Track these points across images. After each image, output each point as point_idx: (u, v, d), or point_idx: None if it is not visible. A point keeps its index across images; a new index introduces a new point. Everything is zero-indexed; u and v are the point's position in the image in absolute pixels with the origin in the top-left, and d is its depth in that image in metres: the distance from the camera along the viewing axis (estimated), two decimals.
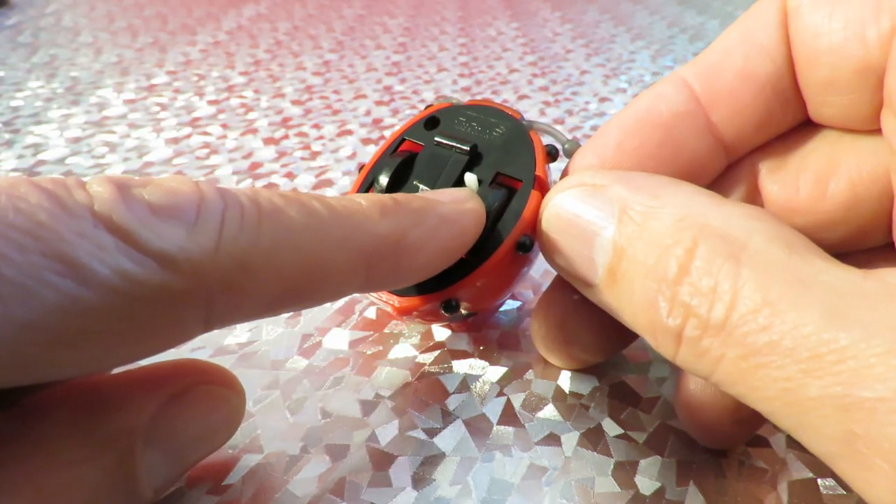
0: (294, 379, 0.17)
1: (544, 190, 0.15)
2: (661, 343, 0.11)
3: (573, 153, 0.16)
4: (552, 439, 0.15)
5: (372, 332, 0.19)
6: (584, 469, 0.15)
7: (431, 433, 0.16)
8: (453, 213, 0.14)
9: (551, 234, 0.14)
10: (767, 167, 0.15)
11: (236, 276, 0.10)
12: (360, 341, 0.19)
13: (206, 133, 0.34)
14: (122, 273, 0.08)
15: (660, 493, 0.14)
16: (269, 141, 0.33)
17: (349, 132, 0.34)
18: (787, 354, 0.09)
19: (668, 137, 0.14)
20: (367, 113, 0.37)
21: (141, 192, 0.09)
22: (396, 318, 0.19)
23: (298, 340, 0.19)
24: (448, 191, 0.15)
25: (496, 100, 0.40)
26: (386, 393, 0.17)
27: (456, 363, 0.18)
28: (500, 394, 0.17)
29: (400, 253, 0.12)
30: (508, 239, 0.15)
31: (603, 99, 0.39)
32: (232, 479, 0.14)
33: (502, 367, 0.18)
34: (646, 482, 0.14)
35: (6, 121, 0.35)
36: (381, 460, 0.15)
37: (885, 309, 0.09)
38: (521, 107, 0.38)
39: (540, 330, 0.17)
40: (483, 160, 0.17)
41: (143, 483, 0.11)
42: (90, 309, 0.08)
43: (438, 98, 0.19)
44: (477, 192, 0.15)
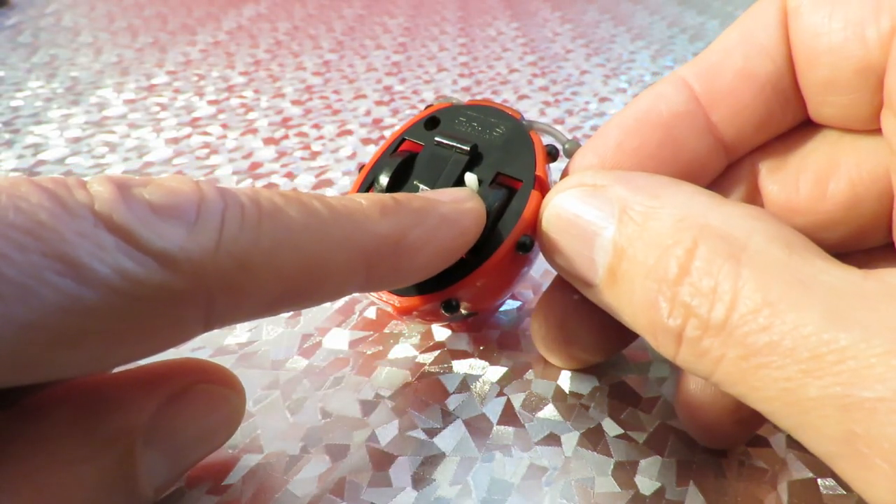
0: (294, 379, 0.17)
1: (544, 190, 0.15)
2: (662, 343, 0.11)
3: (573, 153, 0.16)
4: (552, 439, 0.15)
5: (372, 332, 0.19)
6: (584, 469, 0.15)
7: (431, 433, 0.16)
8: (454, 213, 0.14)
9: (551, 235, 0.14)
10: (767, 167, 0.15)
11: (236, 276, 0.10)
12: (360, 341, 0.19)
13: (206, 133, 0.34)
14: (122, 272, 0.08)
15: (660, 493, 0.14)
16: (269, 141, 0.33)
17: (349, 132, 0.34)
18: (787, 355, 0.09)
19: (668, 137, 0.14)
20: (367, 113, 0.37)
21: (141, 191, 0.09)
22: (396, 317, 0.19)
23: (298, 340, 0.19)
24: (448, 190, 0.15)
25: (496, 100, 0.40)
26: (386, 393, 0.17)
27: (456, 363, 0.18)
28: (500, 394, 0.17)
29: (400, 252, 0.12)
30: (509, 239, 0.15)
31: (603, 99, 0.39)
32: (232, 479, 0.14)
33: (502, 367, 0.18)
34: (646, 482, 0.14)
35: (6, 121, 0.35)
36: (381, 460, 0.15)
37: (885, 309, 0.09)
38: (521, 107, 0.38)
39: (540, 330, 0.17)
40: (483, 160, 0.17)
41: (143, 483, 0.11)
42: (90, 308, 0.08)
43: (438, 98, 0.19)
44: (477, 191, 0.15)
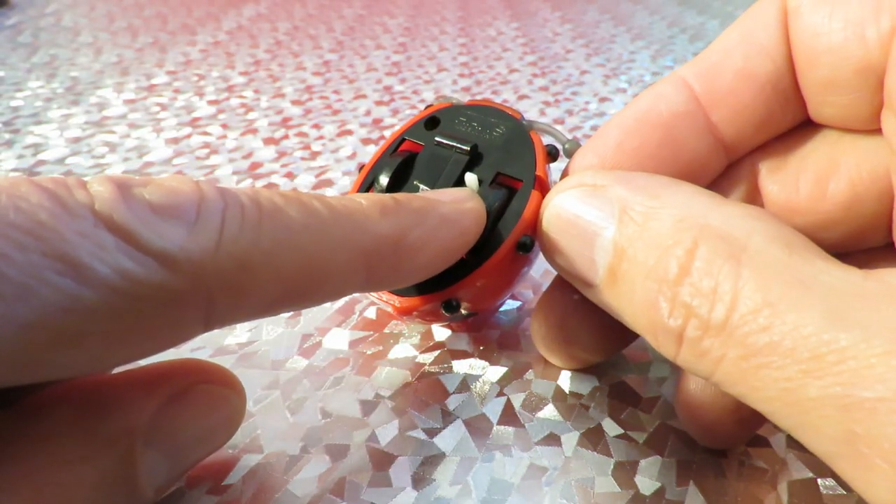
0: (294, 379, 0.17)
1: (545, 190, 0.15)
2: (662, 343, 0.11)
3: (573, 153, 0.16)
4: (552, 439, 0.15)
5: (372, 332, 0.19)
6: (584, 469, 0.15)
7: (431, 433, 0.16)
8: (454, 214, 0.14)
9: (552, 235, 0.14)
10: (767, 167, 0.15)
11: (236, 276, 0.10)
12: (360, 341, 0.19)
13: (206, 133, 0.34)
14: (122, 272, 0.08)
15: (660, 493, 0.14)
16: (269, 141, 0.33)
17: (349, 132, 0.34)
18: (787, 355, 0.09)
19: (668, 137, 0.14)
20: (367, 113, 0.37)
21: (141, 191, 0.09)
22: (397, 317, 0.19)
23: (298, 340, 0.19)
24: (449, 191, 0.15)
25: (496, 100, 0.40)
26: (386, 393, 0.17)
27: (456, 363, 0.18)
28: (500, 394, 0.17)
29: (400, 253, 0.12)
30: (509, 239, 0.15)
31: (603, 99, 0.39)
32: (232, 479, 0.14)
33: (502, 367, 0.18)
34: (646, 482, 0.14)
35: (6, 121, 0.35)
36: (381, 460, 0.15)
37: (885, 309, 0.09)
38: (521, 107, 0.38)
39: (540, 329, 0.17)
40: (483, 160, 0.16)
41: (143, 483, 0.11)
42: (90, 308, 0.08)
43: (438, 98, 0.19)
44: (477, 191, 0.15)
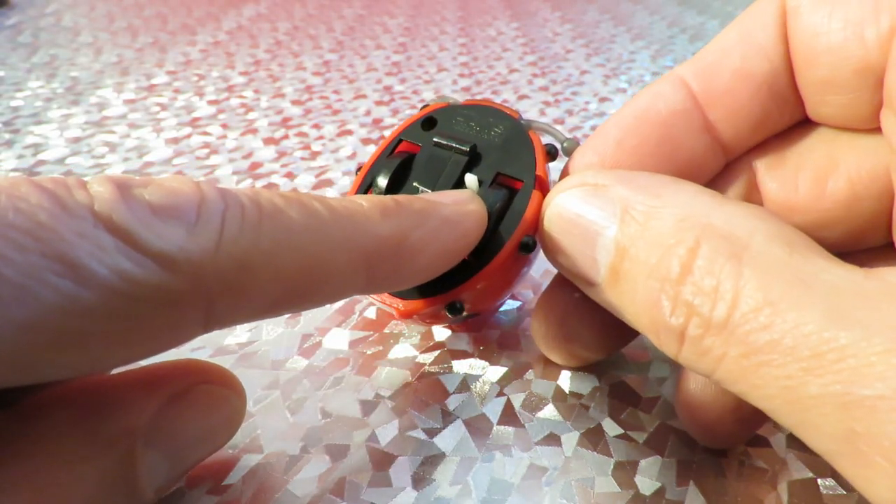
0: (294, 379, 0.17)
1: (545, 190, 0.15)
2: (664, 342, 0.11)
3: (572, 152, 0.16)
4: (552, 439, 0.15)
5: (372, 332, 0.19)
6: (584, 469, 0.15)
7: (431, 433, 0.16)
8: (456, 216, 0.14)
9: (553, 234, 0.14)
10: (766, 165, 0.15)
11: (236, 277, 0.10)
12: (360, 341, 0.19)
13: (206, 133, 0.34)
14: (121, 273, 0.08)
15: (660, 493, 0.14)
16: (269, 141, 0.33)
17: (349, 132, 0.34)
18: (788, 353, 0.09)
19: (667, 136, 0.14)
20: (367, 113, 0.37)
21: (141, 192, 0.09)
22: (398, 319, 0.19)
23: (298, 340, 0.19)
24: (450, 192, 0.15)
25: (496, 100, 0.40)
26: (386, 393, 0.17)
27: (456, 363, 0.18)
28: (500, 394, 0.17)
29: (401, 255, 0.12)
30: (512, 240, 0.15)
31: (603, 99, 0.39)
32: (232, 479, 0.14)
33: (502, 367, 0.18)
34: (646, 482, 0.14)
35: (6, 121, 0.35)
36: (381, 460, 0.15)
37: (885, 308, 0.09)
38: (521, 107, 0.38)
39: (540, 328, 0.17)
40: (483, 160, 0.16)
41: (143, 483, 0.11)
42: (89, 309, 0.08)
43: (436, 98, 0.19)
44: (477, 192, 0.15)
